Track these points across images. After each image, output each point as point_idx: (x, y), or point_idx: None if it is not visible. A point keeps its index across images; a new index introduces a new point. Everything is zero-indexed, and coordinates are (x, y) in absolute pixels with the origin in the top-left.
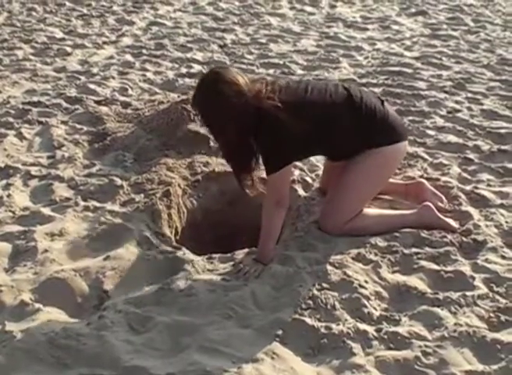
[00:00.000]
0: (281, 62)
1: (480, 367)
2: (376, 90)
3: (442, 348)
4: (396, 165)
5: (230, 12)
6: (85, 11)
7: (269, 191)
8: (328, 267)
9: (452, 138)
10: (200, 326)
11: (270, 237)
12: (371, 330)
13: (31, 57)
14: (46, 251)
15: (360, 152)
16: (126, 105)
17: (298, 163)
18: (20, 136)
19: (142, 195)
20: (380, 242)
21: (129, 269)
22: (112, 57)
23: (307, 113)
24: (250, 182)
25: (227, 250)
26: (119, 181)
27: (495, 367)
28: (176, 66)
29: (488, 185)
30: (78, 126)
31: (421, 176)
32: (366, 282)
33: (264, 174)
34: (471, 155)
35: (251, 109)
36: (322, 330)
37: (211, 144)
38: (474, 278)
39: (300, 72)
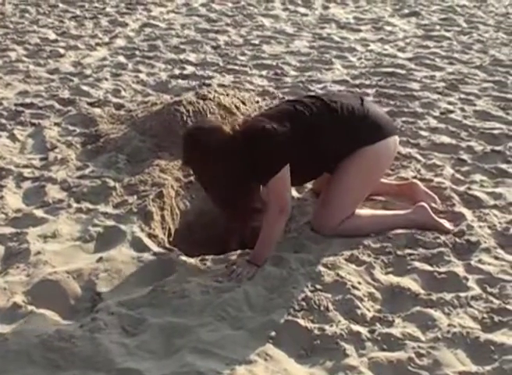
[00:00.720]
0: (274, 64)
1: (473, 368)
2: (369, 91)
3: (436, 349)
4: (386, 162)
5: (223, 13)
6: (78, 12)
7: (272, 198)
8: (322, 268)
9: (445, 139)
10: (193, 327)
11: (269, 243)
12: (364, 331)
13: (24, 58)
14: (39, 253)
15: (349, 154)
16: (119, 106)
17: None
18: (13, 137)
19: (135, 197)
20: (373, 243)
21: (122, 271)
22: (104, 58)
23: (287, 123)
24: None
25: (220, 251)
26: (111, 183)
27: (488, 368)
28: (169, 67)
29: (482, 186)
30: (71, 127)
31: (415, 177)
32: (359, 283)
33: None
34: (464, 156)
35: (235, 139)
36: (315, 332)
37: None
38: (467, 279)
39: (293, 73)
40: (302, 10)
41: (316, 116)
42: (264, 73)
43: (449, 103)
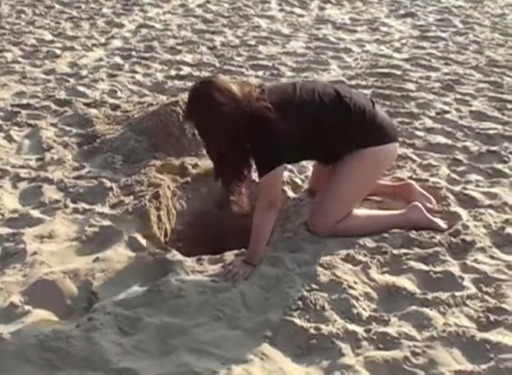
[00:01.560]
0: (270, 64)
1: (469, 367)
2: (365, 91)
3: (432, 348)
4: (384, 166)
5: (220, 14)
6: (74, 13)
7: (262, 192)
8: (318, 268)
9: (441, 139)
10: (189, 327)
11: (261, 238)
12: (360, 330)
13: (20, 59)
14: (35, 253)
15: (348, 153)
16: (115, 107)
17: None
18: (9, 138)
19: (131, 197)
20: (369, 243)
21: (119, 271)
22: (101, 59)
23: (296, 114)
24: (239, 194)
25: (216, 251)
26: (108, 183)
27: (484, 367)
28: (166, 68)
29: (477, 186)
30: (67, 128)
31: (410, 177)
32: (355, 283)
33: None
34: (460, 156)
35: (245, 113)
36: (312, 331)
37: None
38: (463, 278)
39: (289, 74)
40: (298, 11)
41: (329, 111)
42: (260, 73)
43: (445, 103)
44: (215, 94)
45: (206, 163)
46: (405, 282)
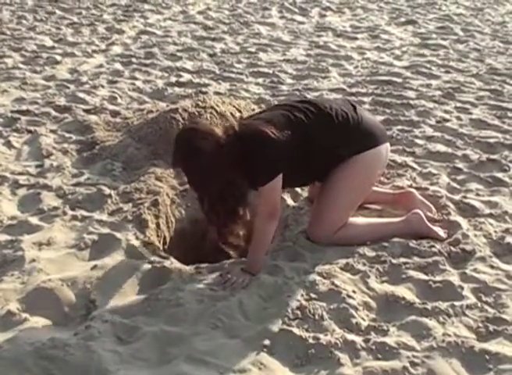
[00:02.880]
0: (270, 72)
1: None
2: (365, 99)
3: (431, 359)
4: (378, 169)
5: (220, 21)
6: (75, 19)
7: (262, 203)
8: (317, 277)
9: (441, 148)
10: (187, 336)
11: (260, 247)
12: (359, 340)
13: (21, 65)
14: (33, 260)
15: (342, 161)
16: (115, 113)
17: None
18: (9, 144)
19: (130, 205)
20: (368, 252)
21: (117, 279)
22: (101, 66)
23: (290, 132)
24: (236, 236)
25: (215, 260)
26: (107, 190)
27: None
28: (166, 74)
29: (477, 194)
30: (67, 134)
31: (410, 186)
32: (354, 292)
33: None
34: (460, 165)
35: (233, 146)
36: (310, 341)
37: None
38: (462, 288)
39: (289, 81)
40: (299, 18)
41: (313, 124)
42: (260, 80)
43: (445, 111)
44: (198, 142)
45: None
46: (404, 291)
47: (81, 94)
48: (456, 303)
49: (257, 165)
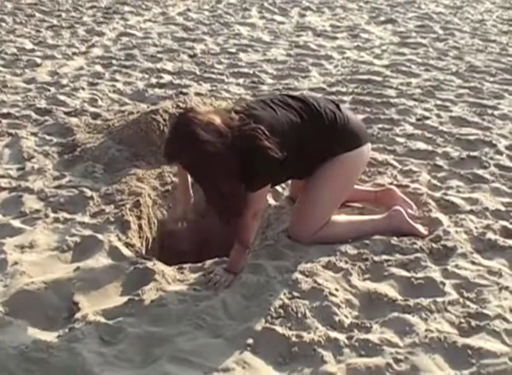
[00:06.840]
0: (251, 72)
1: (451, 373)
2: (346, 98)
3: (414, 355)
4: (361, 168)
5: (200, 22)
6: (55, 22)
7: (249, 203)
8: (299, 275)
9: (421, 145)
10: (171, 336)
11: (243, 247)
12: (342, 337)
13: (0, 68)
14: (16, 263)
15: (325, 161)
16: (95, 115)
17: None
18: None
19: (112, 206)
20: (350, 250)
21: (100, 281)
22: (81, 68)
23: (279, 134)
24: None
25: (197, 260)
26: (89, 192)
27: (466, 372)
28: (146, 76)
29: (458, 191)
30: (48, 137)
31: (391, 184)
32: (336, 290)
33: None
34: (441, 162)
35: (232, 143)
36: (293, 339)
37: None
38: (444, 284)
39: (269, 81)
40: (279, 18)
41: (307, 124)
42: (241, 81)
43: (426, 109)
44: (198, 132)
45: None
46: (386, 289)
47: (62, 97)
48: (439, 299)
49: (253, 173)
